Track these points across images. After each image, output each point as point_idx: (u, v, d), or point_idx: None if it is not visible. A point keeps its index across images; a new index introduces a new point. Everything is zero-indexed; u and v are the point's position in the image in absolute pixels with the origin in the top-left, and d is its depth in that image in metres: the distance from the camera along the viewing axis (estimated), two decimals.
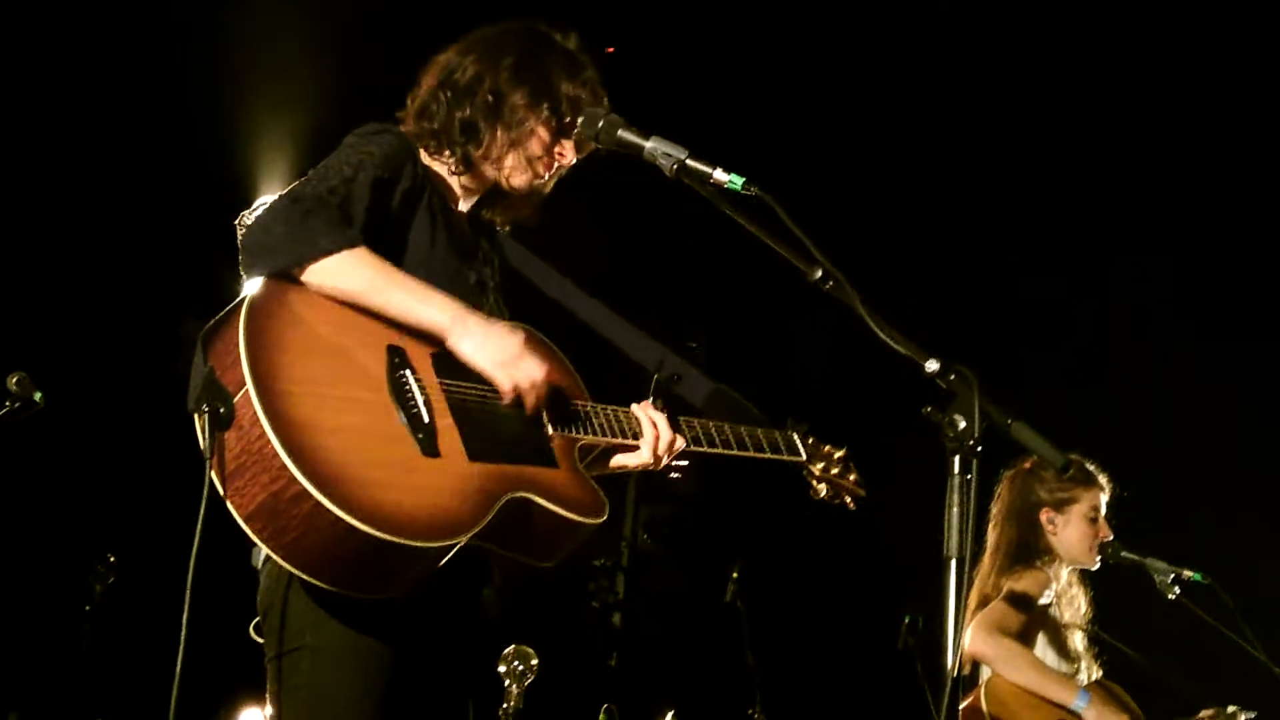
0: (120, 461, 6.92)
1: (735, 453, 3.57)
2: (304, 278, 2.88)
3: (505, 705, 5.39)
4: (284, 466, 2.65)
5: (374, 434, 2.82)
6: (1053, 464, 2.64)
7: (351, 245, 2.88)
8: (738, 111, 7.57)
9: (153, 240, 7.10)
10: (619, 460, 3.35)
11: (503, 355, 2.98)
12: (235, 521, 2.75)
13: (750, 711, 6.64)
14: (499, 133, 3.24)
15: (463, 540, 2.82)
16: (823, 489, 3.79)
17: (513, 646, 5.45)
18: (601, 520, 3.08)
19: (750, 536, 8.06)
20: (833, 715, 8.03)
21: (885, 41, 7.54)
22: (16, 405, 5.13)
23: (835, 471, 3.81)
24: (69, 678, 6.42)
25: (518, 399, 3.04)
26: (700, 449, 3.48)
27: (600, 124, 3.11)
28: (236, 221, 2.97)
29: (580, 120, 3.17)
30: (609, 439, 3.26)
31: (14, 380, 5.13)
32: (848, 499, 3.83)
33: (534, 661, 5.44)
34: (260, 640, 3.03)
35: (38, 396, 5.16)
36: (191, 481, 2.79)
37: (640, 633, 8.64)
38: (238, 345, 2.75)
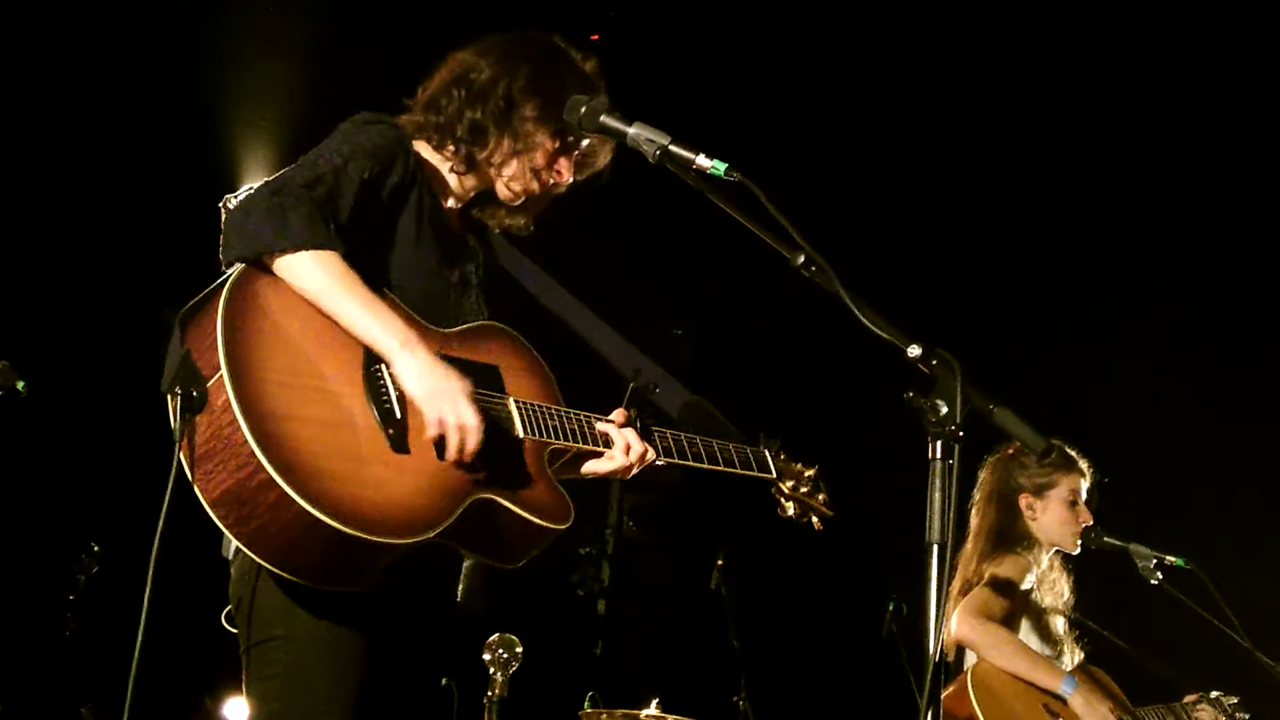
0: (103, 450, 6.90)
1: (706, 466, 3.57)
2: (274, 268, 2.88)
3: (490, 693, 5.40)
4: (252, 454, 2.66)
5: (344, 427, 2.83)
6: (1034, 449, 2.65)
7: (319, 246, 2.87)
8: (721, 98, 7.56)
9: (134, 228, 7.08)
10: (590, 466, 3.34)
11: (437, 389, 2.91)
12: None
13: (735, 698, 6.64)
14: (505, 139, 3.25)
15: (426, 538, 2.83)
16: (790, 507, 3.78)
17: (497, 634, 5.46)
18: (566, 527, 3.09)
19: (734, 523, 8.06)
20: (817, 701, 8.05)
21: (871, 27, 7.53)
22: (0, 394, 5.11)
23: (804, 490, 3.80)
24: (53, 666, 6.41)
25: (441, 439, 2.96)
26: (672, 460, 3.48)
27: (583, 110, 3.12)
28: (220, 204, 2.95)
29: (564, 106, 3.17)
30: (579, 445, 3.25)
31: None
32: (814, 519, 3.81)
33: (519, 649, 5.45)
34: (233, 630, 3.04)
35: (20, 385, 5.15)
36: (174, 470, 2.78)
37: (625, 620, 8.66)
38: (215, 330, 2.75)
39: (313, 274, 2.87)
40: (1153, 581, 5.14)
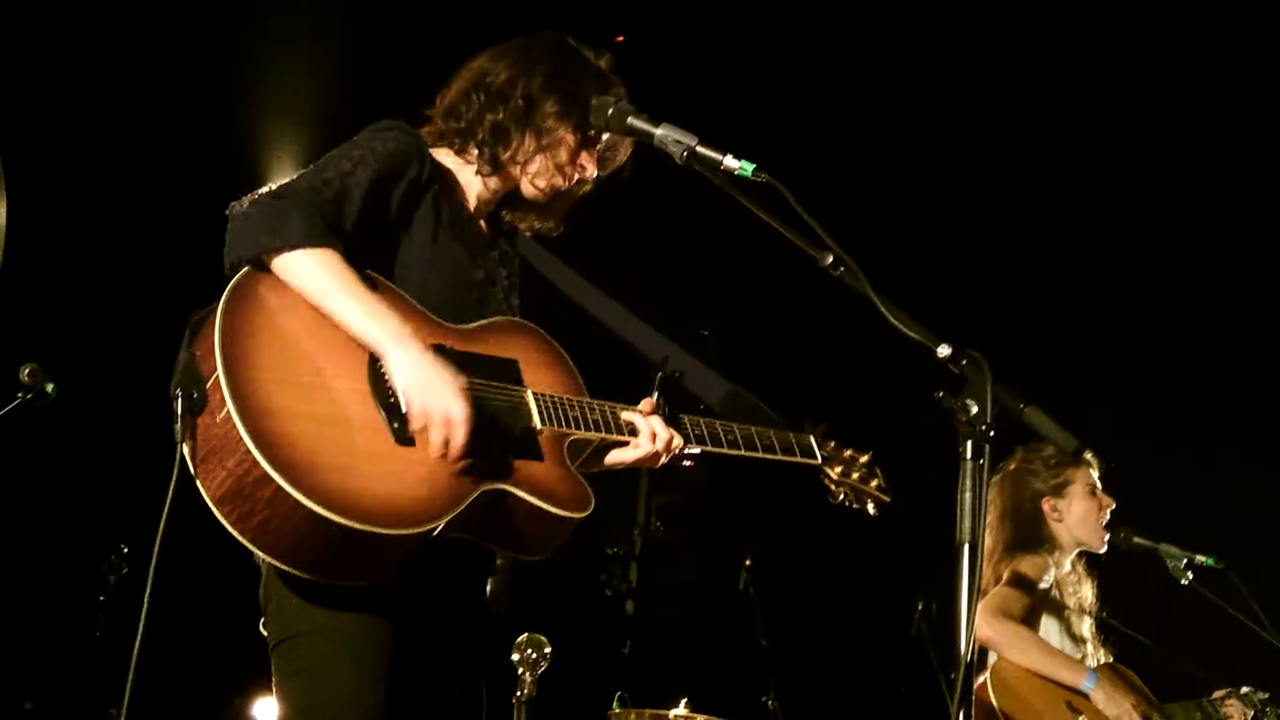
0: (133, 451, 6.92)
1: (743, 453, 3.52)
2: (273, 268, 2.91)
3: (519, 693, 5.40)
4: (248, 451, 2.68)
5: (347, 421, 2.84)
6: (1065, 449, 2.64)
7: (315, 245, 2.89)
8: (747, 98, 7.55)
9: (165, 230, 7.10)
10: (615, 456, 3.33)
11: (423, 382, 2.88)
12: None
13: (764, 698, 6.63)
14: (528, 137, 3.28)
15: (431, 529, 2.82)
16: (841, 494, 3.71)
17: (526, 635, 5.46)
18: (585, 515, 3.07)
19: (763, 523, 8.05)
20: (846, 701, 8.03)
21: (897, 27, 7.51)
22: (29, 396, 5.13)
23: (857, 476, 3.73)
24: (84, 668, 6.44)
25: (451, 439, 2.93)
26: (705, 448, 3.45)
27: (610, 111, 3.14)
28: (227, 210, 2.97)
29: (590, 108, 3.19)
30: (602, 435, 3.24)
31: (26, 371, 5.13)
32: (869, 505, 3.75)
33: (547, 649, 5.45)
34: (266, 633, 3.06)
35: (50, 388, 5.17)
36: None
37: (653, 620, 8.65)
38: (213, 332, 2.79)
39: (308, 272, 2.88)
40: (1183, 582, 5.12)
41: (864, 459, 3.77)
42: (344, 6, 7.18)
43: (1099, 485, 5.29)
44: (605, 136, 3.32)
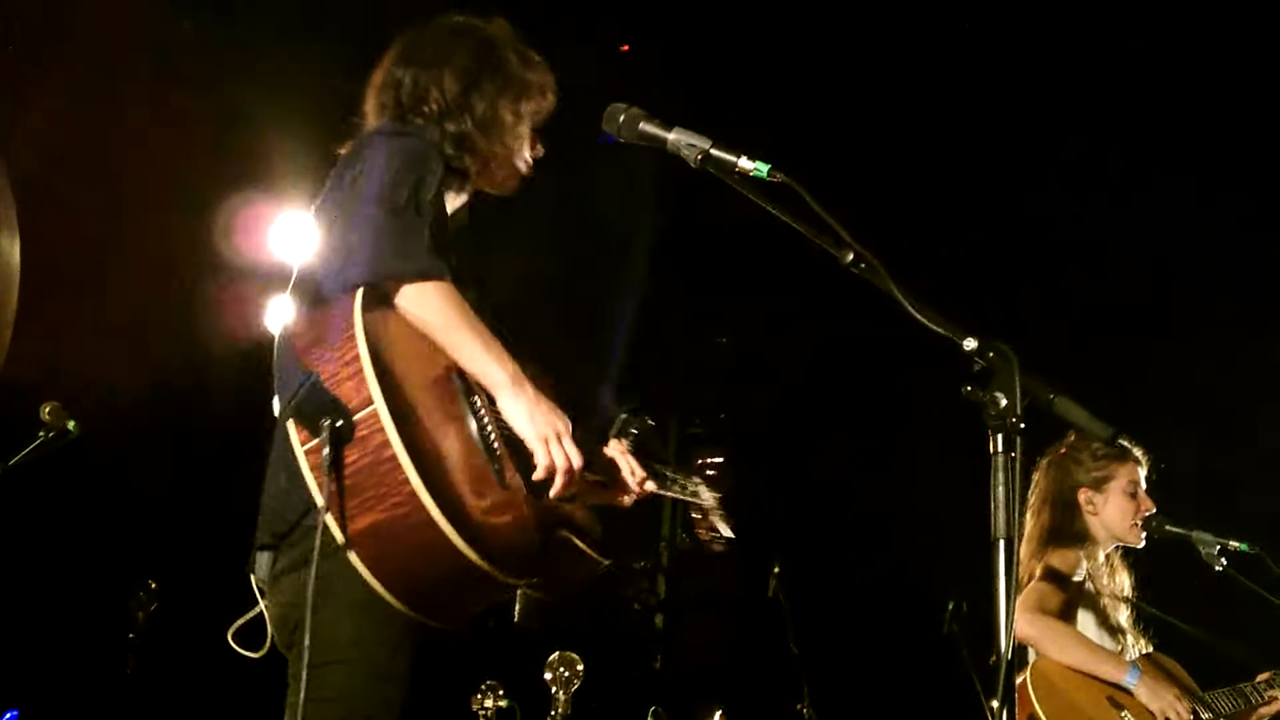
0: (159, 487, 6.93)
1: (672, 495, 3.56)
2: (395, 294, 2.86)
3: (553, 712, 5.39)
4: (413, 493, 2.65)
5: (469, 463, 2.81)
6: (1098, 436, 2.61)
7: (440, 276, 2.87)
8: (759, 98, 7.54)
9: (185, 262, 7.10)
10: (594, 496, 3.31)
11: (549, 431, 2.90)
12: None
13: (799, 706, 6.61)
14: (495, 145, 3.28)
15: (532, 579, 2.85)
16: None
17: (558, 653, 5.46)
18: (610, 561, 3.08)
19: (789, 530, 8.03)
20: (881, 705, 7.99)
21: (911, 19, 7.50)
22: (51, 435, 5.13)
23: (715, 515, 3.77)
24: (114, 704, 6.43)
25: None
26: (658, 491, 3.45)
27: (622, 119, 3.09)
28: (312, 210, 2.93)
29: (602, 116, 3.16)
30: (600, 476, 3.23)
31: (47, 410, 5.13)
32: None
33: (579, 667, 5.45)
34: (237, 647, 2.99)
35: (71, 425, 5.17)
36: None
37: (684, 633, 8.64)
38: (358, 359, 2.73)
39: (433, 305, 2.85)
40: (1217, 568, 5.07)
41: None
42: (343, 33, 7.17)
43: (1143, 485, 5.24)
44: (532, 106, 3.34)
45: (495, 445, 2.89)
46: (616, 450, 3.31)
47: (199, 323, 6.80)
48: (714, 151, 2.89)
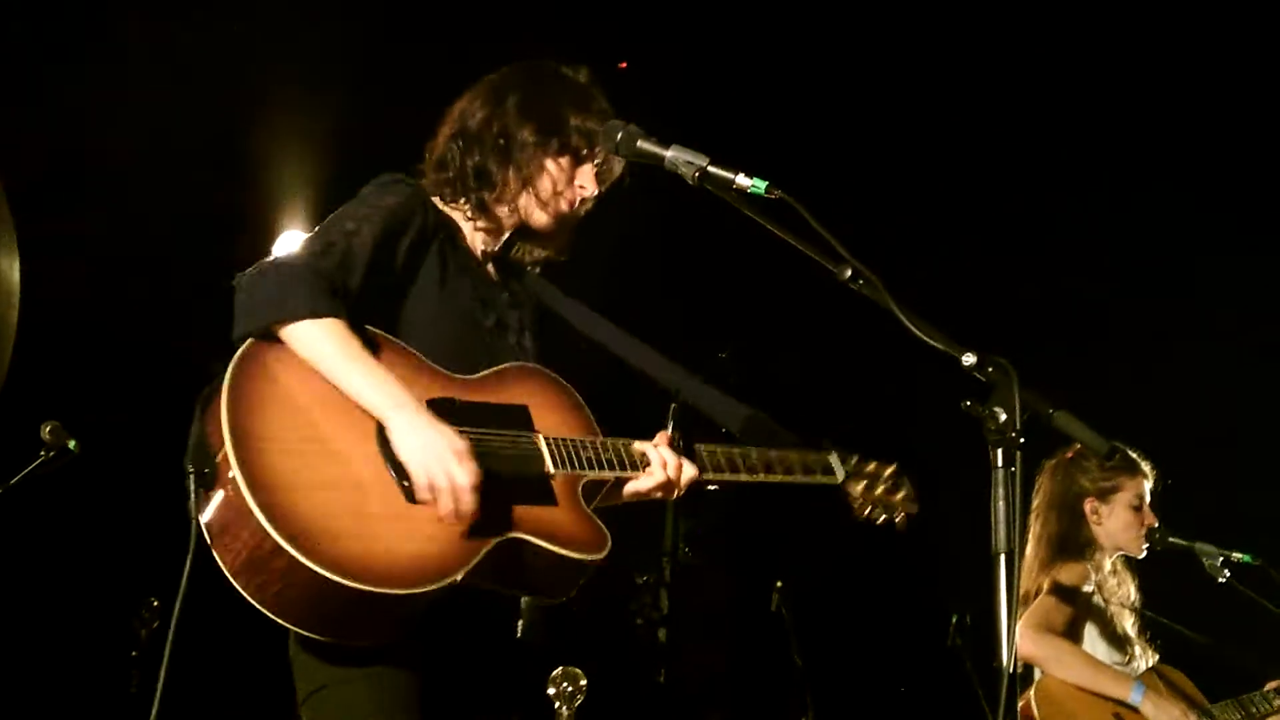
0: (160, 505, 6.92)
1: (762, 478, 3.49)
2: (282, 339, 2.90)
3: None
4: (260, 524, 2.68)
5: (358, 485, 2.83)
6: (1097, 451, 2.62)
7: (320, 315, 2.88)
8: (755, 115, 7.55)
9: (182, 283, 7.11)
10: (630, 488, 3.29)
11: (427, 454, 2.86)
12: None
13: (802, 719, 6.60)
14: (510, 174, 3.26)
15: (445, 585, 2.81)
16: (866, 509, 3.66)
17: (561, 669, 5.44)
18: (603, 556, 3.05)
19: (792, 543, 8.02)
20: (885, 718, 7.99)
21: (903, 33, 7.51)
22: (51, 454, 5.14)
23: (881, 490, 3.68)
24: None
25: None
26: (723, 475, 3.42)
27: (620, 135, 3.11)
28: (234, 282, 2.97)
29: (600, 132, 3.17)
30: (615, 473, 3.22)
31: (47, 429, 5.14)
32: (897, 517, 3.68)
33: (583, 682, 5.43)
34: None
35: (72, 444, 5.18)
36: None
37: (687, 647, 8.61)
38: (220, 405, 2.79)
39: (313, 343, 2.88)
40: (1220, 580, 5.07)
41: (888, 471, 3.71)
42: (350, 55, 7.19)
43: (1148, 499, 5.24)
44: (598, 150, 3.29)
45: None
46: (651, 448, 3.28)
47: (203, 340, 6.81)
48: (711, 169, 2.90)
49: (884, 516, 3.68)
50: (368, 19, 6.97)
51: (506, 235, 3.38)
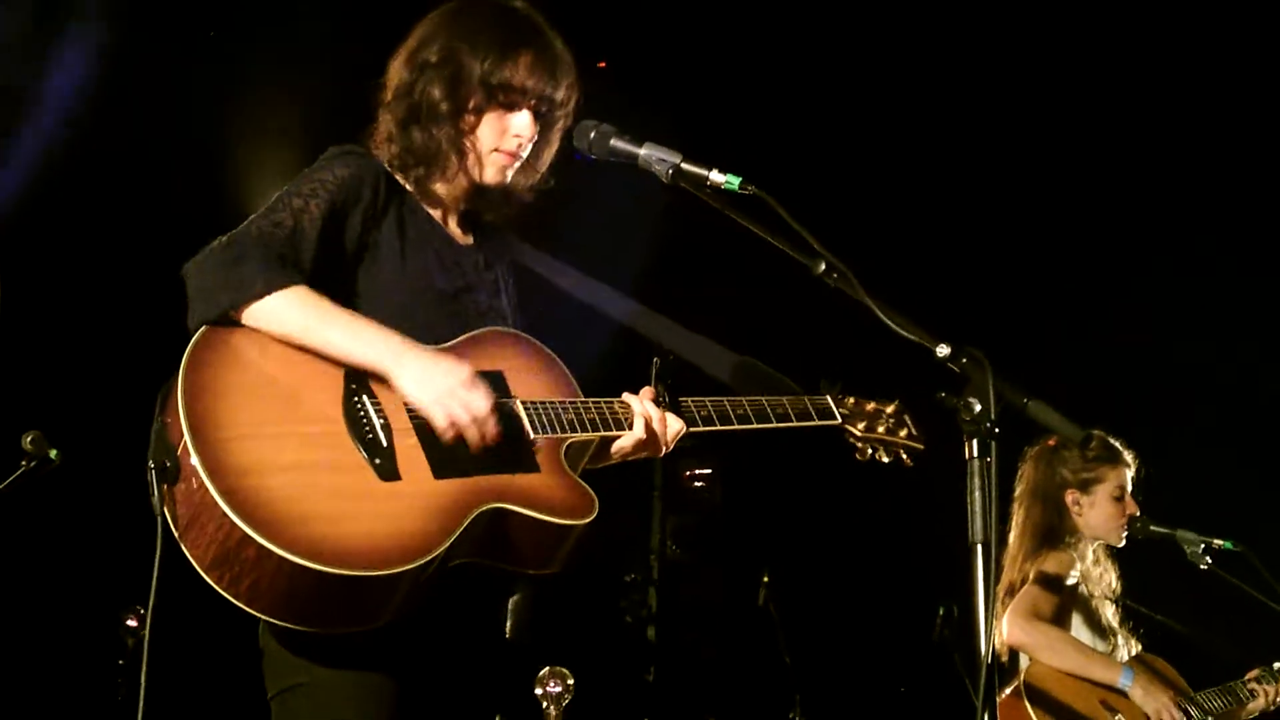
0: (143, 513, 6.91)
1: (756, 426, 3.37)
2: (244, 321, 2.85)
3: None
4: (224, 514, 2.62)
5: (325, 466, 2.77)
6: (1072, 440, 2.64)
7: (285, 285, 2.84)
8: (728, 110, 7.55)
9: (166, 289, 7.10)
10: (616, 446, 3.22)
11: (441, 390, 2.85)
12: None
13: (791, 715, 6.61)
14: (441, 139, 3.14)
15: (431, 559, 2.75)
16: (868, 450, 3.53)
17: (548, 668, 5.44)
18: (590, 519, 2.98)
19: (778, 538, 8.03)
20: (873, 713, 7.99)
21: (881, 30, 7.52)
22: (33, 464, 5.13)
23: (883, 429, 3.55)
24: None
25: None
26: (713, 427, 3.32)
27: (592, 135, 3.08)
28: (181, 272, 2.93)
29: (573, 132, 3.14)
30: (599, 433, 3.15)
31: (28, 439, 5.13)
32: (903, 455, 3.56)
33: (571, 682, 5.43)
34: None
35: (53, 454, 5.17)
36: None
37: (676, 644, 8.62)
38: (176, 398, 2.73)
39: (286, 314, 2.83)
40: (1202, 566, 5.09)
41: (890, 409, 3.59)
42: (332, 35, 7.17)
43: (1129, 489, 5.25)
44: (532, 96, 3.17)
45: (380, 439, 2.84)
46: (635, 400, 3.21)
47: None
48: (685, 166, 2.90)
49: (887, 456, 3.57)
50: (354, 18, 6.95)
51: (465, 196, 3.26)
